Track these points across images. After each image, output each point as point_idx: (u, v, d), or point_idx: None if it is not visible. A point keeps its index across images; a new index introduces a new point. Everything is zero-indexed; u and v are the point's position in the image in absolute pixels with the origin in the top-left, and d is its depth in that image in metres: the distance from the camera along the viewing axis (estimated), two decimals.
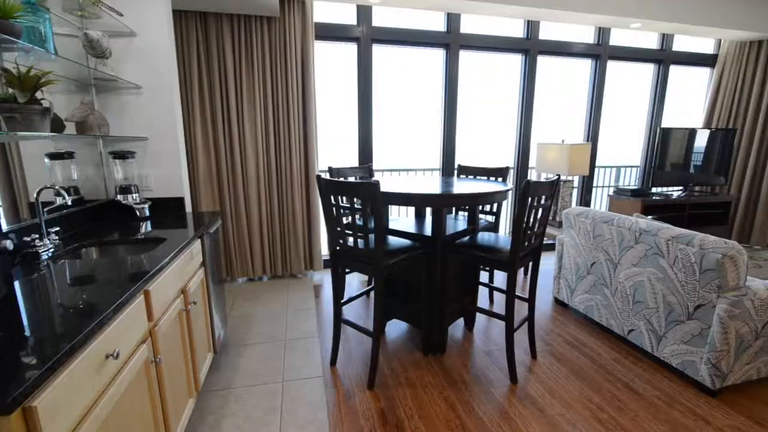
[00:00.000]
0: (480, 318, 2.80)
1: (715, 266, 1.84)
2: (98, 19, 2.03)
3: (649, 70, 4.57)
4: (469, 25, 3.79)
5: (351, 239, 2.00)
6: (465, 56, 3.89)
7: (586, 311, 2.68)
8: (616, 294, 2.41)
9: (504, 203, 3.70)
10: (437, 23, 3.73)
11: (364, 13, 3.44)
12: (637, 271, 2.24)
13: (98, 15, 1.99)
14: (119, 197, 2.16)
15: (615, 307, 2.43)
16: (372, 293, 3.08)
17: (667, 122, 4.73)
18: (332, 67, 3.72)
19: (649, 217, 4.04)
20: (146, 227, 1.99)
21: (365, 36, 3.48)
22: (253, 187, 3.28)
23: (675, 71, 4.61)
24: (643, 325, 2.25)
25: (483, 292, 3.23)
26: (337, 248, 2.09)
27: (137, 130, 2.29)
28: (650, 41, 4.45)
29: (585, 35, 4.20)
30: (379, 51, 3.66)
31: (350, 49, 3.57)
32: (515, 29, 3.96)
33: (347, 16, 3.47)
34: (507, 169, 2.91)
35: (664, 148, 4.23)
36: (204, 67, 3.03)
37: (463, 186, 2.26)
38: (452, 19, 3.68)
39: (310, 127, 3.33)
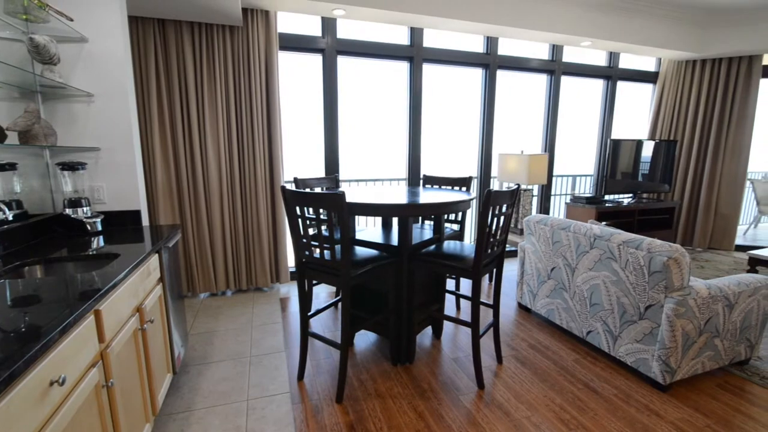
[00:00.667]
0: (448, 325, 2.84)
1: (662, 268, 1.97)
2: (46, 23, 1.93)
3: (599, 85, 4.87)
4: (432, 40, 3.90)
5: (317, 250, 1.98)
6: (429, 69, 3.99)
7: (548, 315, 2.78)
8: (575, 297, 2.51)
9: (468, 212, 3.80)
10: (401, 37, 3.81)
11: (328, 25, 3.47)
12: (593, 275, 2.36)
13: (45, 19, 1.89)
14: (68, 211, 2.04)
15: (574, 310, 2.54)
16: (340, 304, 3.05)
17: (616, 134, 5.06)
18: (298, 77, 3.70)
19: (603, 223, 4.28)
20: (98, 242, 1.88)
21: (330, 47, 3.50)
22: (215, 198, 3.19)
23: (622, 86, 4.95)
24: (600, 326, 2.36)
25: (450, 300, 3.28)
26: (303, 260, 2.06)
27: (89, 140, 2.17)
28: (600, 59, 4.76)
29: (541, 52, 4.43)
30: (344, 62, 3.69)
31: (315, 60, 3.57)
32: (476, 45, 4.12)
33: (312, 27, 3.49)
34: (470, 178, 2.99)
35: (614, 158, 4.51)
36: (163, 75, 2.93)
37: (428, 196, 2.30)
38: (415, 34, 3.78)
39: (275, 138, 3.29)
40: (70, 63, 2.08)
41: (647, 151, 4.67)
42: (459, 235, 2.93)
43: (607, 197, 4.78)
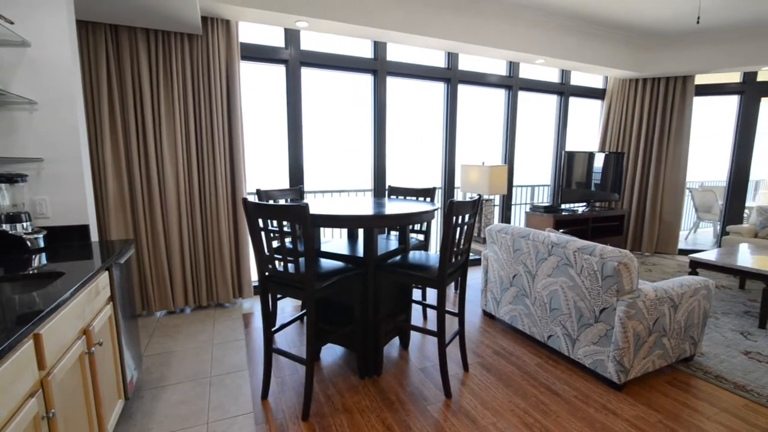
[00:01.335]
0: (415, 335, 2.84)
1: (613, 273, 2.08)
2: None
3: (553, 100, 5.15)
4: (396, 53, 3.98)
5: (281, 264, 1.93)
6: (393, 82, 4.06)
7: (512, 321, 2.86)
8: (536, 303, 2.60)
9: (433, 222, 3.86)
10: (366, 50, 3.87)
11: (292, 36, 3.46)
12: (552, 281, 2.45)
13: None
14: (5, 227, 1.88)
15: (535, 316, 2.63)
16: (306, 318, 2.99)
17: (570, 146, 5.34)
18: (262, 87, 3.66)
19: (560, 231, 4.48)
20: (40, 260, 1.74)
21: (294, 58, 3.49)
22: (173, 211, 3.05)
23: (574, 102, 5.25)
24: (560, 330, 2.45)
25: (417, 310, 3.30)
26: (267, 274, 2.00)
27: (31, 150, 2.02)
28: (553, 76, 5.04)
29: (499, 68, 4.63)
30: (309, 74, 3.69)
31: (279, 71, 3.54)
32: (438, 60, 4.24)
33: (276, 38, 3.46)
34: (434, 189, 3.05)
35: (569, 169, 4.75)
36: (116, 82, 2.80)
37: (393, 207, 2.32)
38: (379, 47, 3.84)
39: (237, 148, 3.21)
40: (10, 68, 1.95)
41: (598, 162, 4.97)
42: (424, 245, 2.96)
43: (563, 206, 5.01)
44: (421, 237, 3.05)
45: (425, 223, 3.02)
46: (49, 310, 1.15)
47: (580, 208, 5.04)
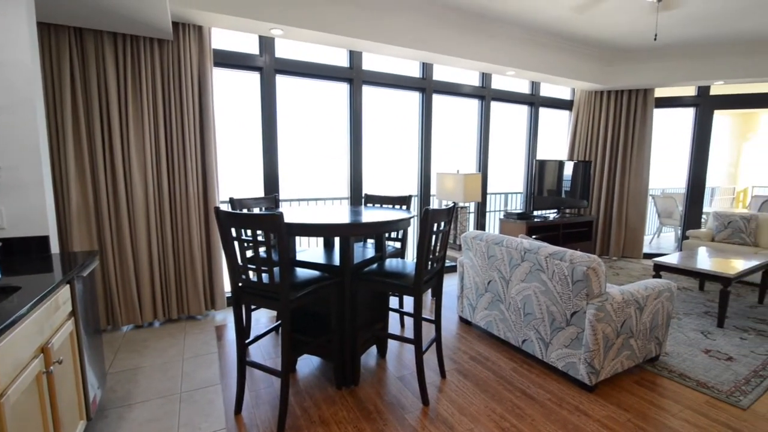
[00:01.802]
0: (392, 343, 2.83)
1: (583, 277, 2.15)
2: None
3: (524, 110, 5.32)
4: (371, 63, 4.01)
5: (254, 274, 1.89)
6: (370, 91, 4.09)
7: (487, 326, 2.90)
8: (510, 308, 2.65)
9: (410, 229, 3.88)
10: (342, 58, 3.88)
11: (267, 43, 3.44)
12: (525, 286, 2.51)
13: None
14: None
15: (510, 321, 2.67)
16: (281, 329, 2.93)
17: (541, 155, 5.52)
18: (236, 94, 3.60)
19: (533, 237, 4.60)
20: None
21: (268, 66, 3.46)
22: (141, 221, 2.94)
23: (544, 112, 5.44)
24: (534, 334, 2.50)
25: (394, 318, 3.30)
26: (240, 284, 1.96)
27: None
28: (524, 87, 5.21)
29: (473, 79, 4.75)
30: (284, 81, 3.66)
31: (254, 78, 3.51)
32: (414, 70, 4.31)
33: (250, 45, 3.43)
34: (410, 197, 3.07)
35: (541, 177, 4.90)
36: (80, 87, 2.69)
37: (369, 215, 2.32)
38: (355, 56, 3.87)
39: (209, 156, 3.14)
40: None
41: (568, 170, 5.15)
42: (401, 253, 2.97)
43: (535, 213, 5.15)
44: (397, 245, 3.06)
45: (402, 231, 3.03)
46: (2, 328, 1.08)
47: (551, 214, 5.20)
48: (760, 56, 4.60)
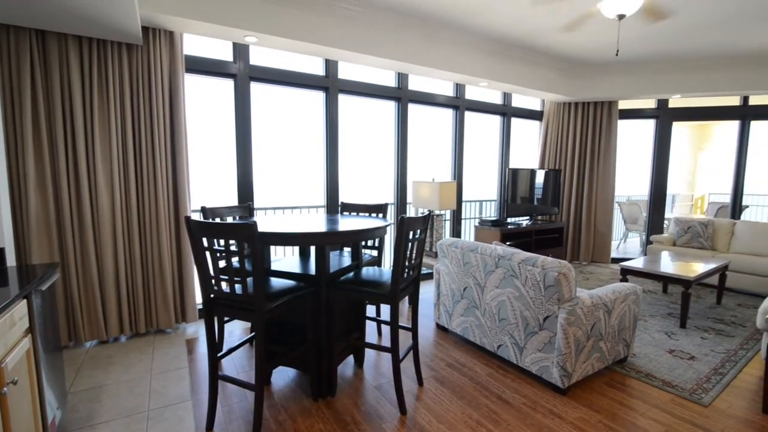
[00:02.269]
0: (369, 352, 2.82)
1: (554, 282, 2.21)
2: None
3: (497, 120, 5.46)
4: (348, 72, 4.03)
5: (227, 284, 1.85)
6: (346, 99, 4.10)
7: (464, 333, 2.92)
8: (485, 314, 2.69)
9: (386, 237, 3.89)
10: (317, 67, 3.88)
11: (241, 50, 3.40)
12: (500, 292, 2.56)
13: None
14: None
15: (485, 326, 2.71)
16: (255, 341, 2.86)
17: (514, 163, 5.67)
18: (210, 101, 3.54)
19: (507, 243, 4.69)
20: None
21: (242, 73, 3.42)
22: (107, 231, 2.83)
23: (516, 122, 5.61)
24: (508, 339, 2.55)
25: (371, 326, 3.28)
26: (212, 296, 1.90)
27: None
28: (496, 98, 5.36)
29: (447, 89, 4.85)
30: (259, 89, 3.63)
31: (228, 85, 3.45)
32: (389, 79, 4.36)
33: (224, 51, 3.38)
34: (386, 205, 3.09)
35: (514, 185, 5.03)
36: (42, 92, 2.58)
37: (345, 223, 2.31)
38: (330, 65, 3.88)
39: (180, 164, 3.06)
40: None
41: (539, 178, 5.31)
42: (377, 261, 2.97)
43: (509, 220, 5.27)
44: (374, 253, 3.06)
45: (378, 239, 3.04)
46: None
47: (524, 221, 5.33)
48: (712, 73, 4.92)
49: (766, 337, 2.33)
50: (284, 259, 2.65)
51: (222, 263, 2.71)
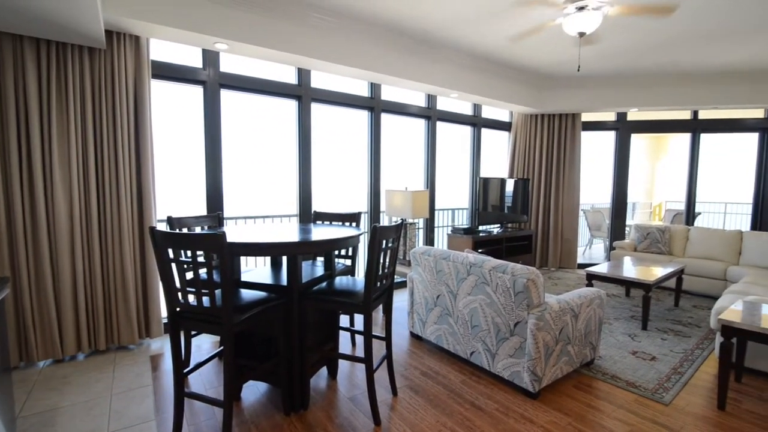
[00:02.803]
0: (343, 363, 2.78)
1: (523, 289, 2.27)
2: None
3: (468, 131, 5.60)
4: (321, 81, 4.03)
5: (194, 297, 1.78)
6: (319, 108, 4.09)
7: (437, 341, 2.94)
8: (458, 321, 2.72)
9: (360, 246, 3.88)
10: (290, 75, 3.86)
11: (211, 57, 3.34)
12: (472, 299, 2.59)
13: None
14: None
15: (458, 333, 2.74)
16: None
17: (484, 173, 5.81)
18: (179, 108, 3.44)
19: (479, 251, 4.78)
20: None
21: (212, 80, 3.36)
22: (64, 243, 2.68)
23: (486, 133, 5.77)
24: (481, 345, 2.58)
25: (345, 337, 3.25)
26: (178, 309, 1.83)
27: None
28: (467, 109, 5.49)
29: (420, 100, 4.93)
30: (231, 96, 3.57)
31: (197, 92, 3.38)
32: (363, 89, 4.39)
33: (194, 57, 3.31)
34: (359, 214, 3.08)
35: (485, 194, 5.15)
36: None
37: (318, 232, 2.29)
38: (303, 74, 3.87)
39: (146, 173, 2.95)
40: None
41: (509, 187, 5.46)
42: (351, 270, 2.95)
43: (481, 227, 5.38)
44: (347, 262, 3.04)
45: (351, 248, 3.03)
46: None
47: (495, 229, 5.45)
48: (665, 88, 5.26)
49: (719, 337, 2.48)
50: (255, 269, 2.59)
51: (189, 275, 2.62)
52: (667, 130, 6.06)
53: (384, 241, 2.06)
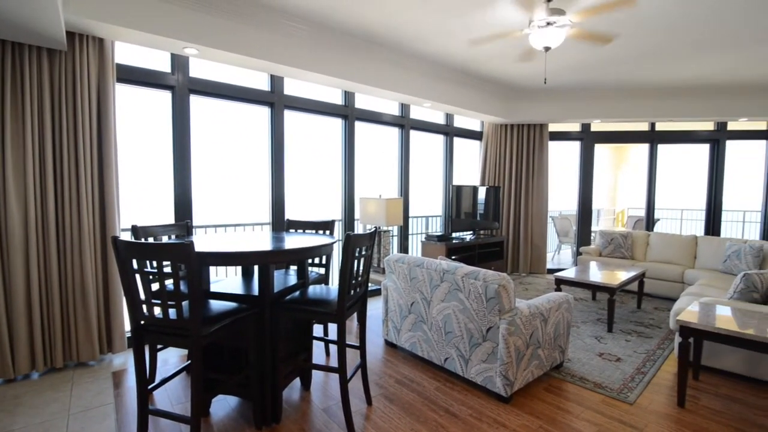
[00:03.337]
0: (317, 374, 2.74)
1: (495, 294, 2.32)
2: None
3: (440, 139, 5.70)
4: (294, 88, 4.01)
5: (159, 309, 1.72)
6: (292, 115, 4.06)
7: (412, 348, 2.95)
8: (432, 328, 2.74)
9: (333, 254, 3.86)
10: (262, 82, 3.82)
11: (180, 61, 3.26)
12: (445, 306, 2.62)
13: None
14: None
15: (432, 340, 2.75)
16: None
17: (457, 181, 5.92)
18: (147, 113, 3.34)
19: (452, 257, 4.84)
20: None
21: (181, 85, 3.28)
22: (18, 254, 2.52)
23: (458, 141, 5.89)
24: (455, 352, 2.61)
25: (319, 346, 3.20)
26: (142, 322, 1.76)
27: None
28: (440, 118, 5.60)
29: (393, 108, 4.98)
30: (201, 102, 3.49)
31: (165, 97, 3.28)
32: (336, 97, 4.40)
33: (162, 61, 3.22)
34: (333, 222, 3.07)
35: (458, 201, 5.24)
36: None
37: (290, 241, 2.26)
38: (276, 81, 3.84)
39: (109, 180, 2.83)
40: None
41: (481, 195, 5.58)
42: (324, 279, 2.93)
43: (454, 234, 5.46)
44: (321, 270, 3.01)
45: (325, 257, 3.00)
46: None
47: (468, 236, 5.55)
48: (624, 102, 5.55)
49: (678, 338, 2.61)
50: (226, 279, 2.52)
51: (155, 286, 2.52)
52: (627, 140, 6.39)
53: (357, 249, 2.06)
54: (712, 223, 6.01)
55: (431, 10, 3.21)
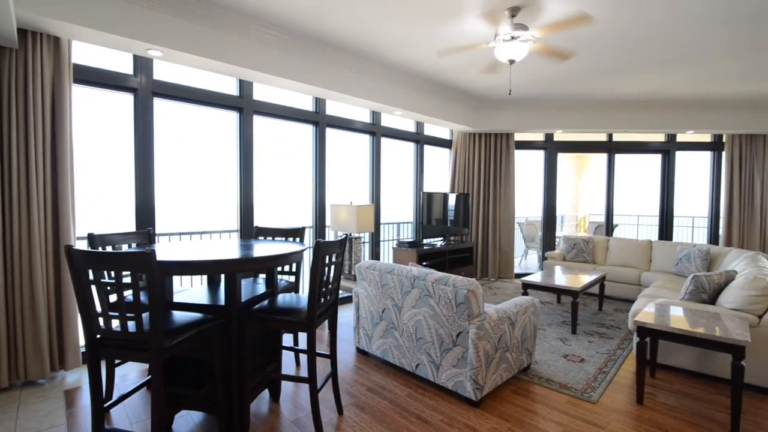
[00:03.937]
0: (287, 384, 2.68)
1: (464, 300, 2.35)
2: None
3: (411, 147, 5.77)
4: (264, 93, 3.95)
5: (117, 322, 1.63)
6: (262, 121, 4.00)
7: (383, 355, 2.94)
8: (403, 334, 2.75)
9: (304, 262, 3.80)
10: (231, 86, 3.75)
11: (143, 63, 3.15)
12: (416, 312, 2.64)
13: None
14: None
15: (404, 347, 2.76)
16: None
17: (428, 188, 6.00)
18: (107, 117, 3.18)
19: (423, 263, 4.88)
20: None
21: (144, 88, 3.16)
22: None
23: (429, 149, 5.98)
24: (425, 357, 2.62)
25: (289, 356, 3.13)
26: (98, 336, 1.66)
27: None
28: (410, 126, 5.67)
29: (364, 116, 5.01)
30: (165, 106, 3.37)
31: (127, 100, 3.15)
32: (307, 103, 4.37)
33: (124, 63, 3.10)
34: (303, 229, 3.03)
35: (429, 208, 5.31)
36: None
37: (258, 248, 2.21)
38: (245, 85, 3.77)
39: (63, 186, 2.68)
40: None
41: (451, 201, 5.68)
42: (294, 287, 2.88)
43: (425, 241, 5.52)
44: (291, 278, 2.96)
45: (295, 264, 2.95)
46: None
47: (438, 242, 5.62)
48: (584, 113, 5.84)
49: (636, 337, 2.74)
50: (190, 289, 2.43)
51: (113, 297, 2.39)
52: (587, 150, 6.71)
53: (328, 257, 2.04)
54: (665, 229, 6.39)
55: (399, 21, 3.27)
